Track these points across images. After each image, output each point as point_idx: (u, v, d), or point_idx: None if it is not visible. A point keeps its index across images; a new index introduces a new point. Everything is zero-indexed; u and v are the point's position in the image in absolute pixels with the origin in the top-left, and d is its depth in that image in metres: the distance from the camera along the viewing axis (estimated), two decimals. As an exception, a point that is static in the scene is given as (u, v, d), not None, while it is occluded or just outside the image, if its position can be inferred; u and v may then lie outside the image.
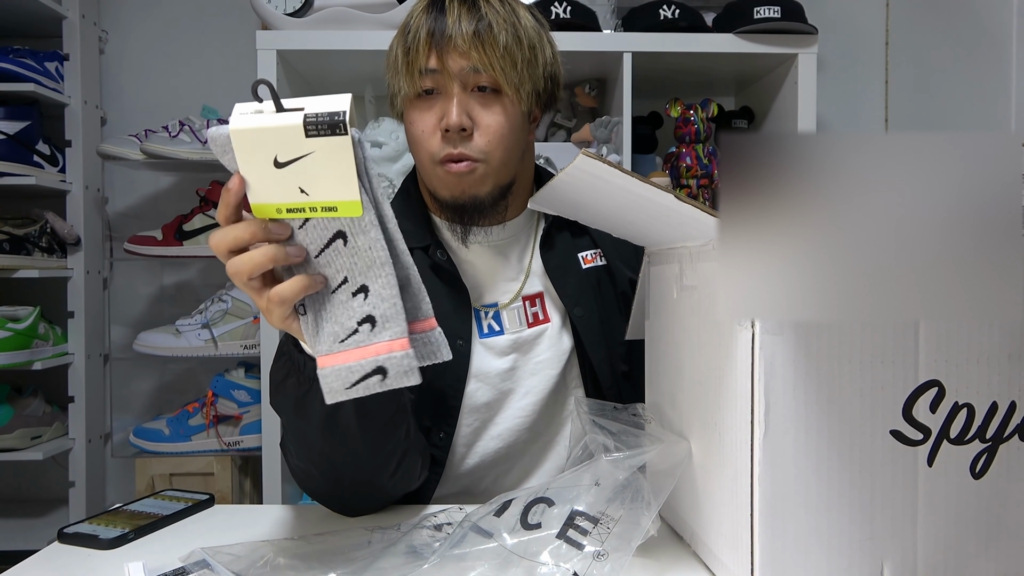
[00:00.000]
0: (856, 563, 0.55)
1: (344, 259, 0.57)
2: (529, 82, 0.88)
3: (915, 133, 0.46)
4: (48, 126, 1.76)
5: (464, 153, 0.86)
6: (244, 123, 0.53)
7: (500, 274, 0.97)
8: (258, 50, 1.51)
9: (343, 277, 0.57)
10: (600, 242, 1.00)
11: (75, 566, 0.69)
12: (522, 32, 0.87)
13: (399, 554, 0.65)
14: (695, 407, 0.67)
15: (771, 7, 1.52)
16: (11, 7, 1.68)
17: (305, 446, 0.75)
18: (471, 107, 0.86)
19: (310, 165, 0.53)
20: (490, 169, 0.88)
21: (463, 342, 0.91)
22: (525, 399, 0.94)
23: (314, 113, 0.52)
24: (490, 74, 0.85)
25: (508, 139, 0.88)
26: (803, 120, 1.57)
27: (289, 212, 0.56)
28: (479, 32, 0.84)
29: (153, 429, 1.68)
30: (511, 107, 0.88)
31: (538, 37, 0.90)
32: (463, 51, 0.84)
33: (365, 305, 0.57)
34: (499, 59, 0.85)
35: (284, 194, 0.55)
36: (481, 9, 0.86)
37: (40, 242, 1.70)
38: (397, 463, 0.78)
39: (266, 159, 0.54)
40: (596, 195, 0.66)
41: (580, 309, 0.95)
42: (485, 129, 0.87)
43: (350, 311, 0.57)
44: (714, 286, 0.62)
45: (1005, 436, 0.55)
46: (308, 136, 0.52)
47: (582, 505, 0.63)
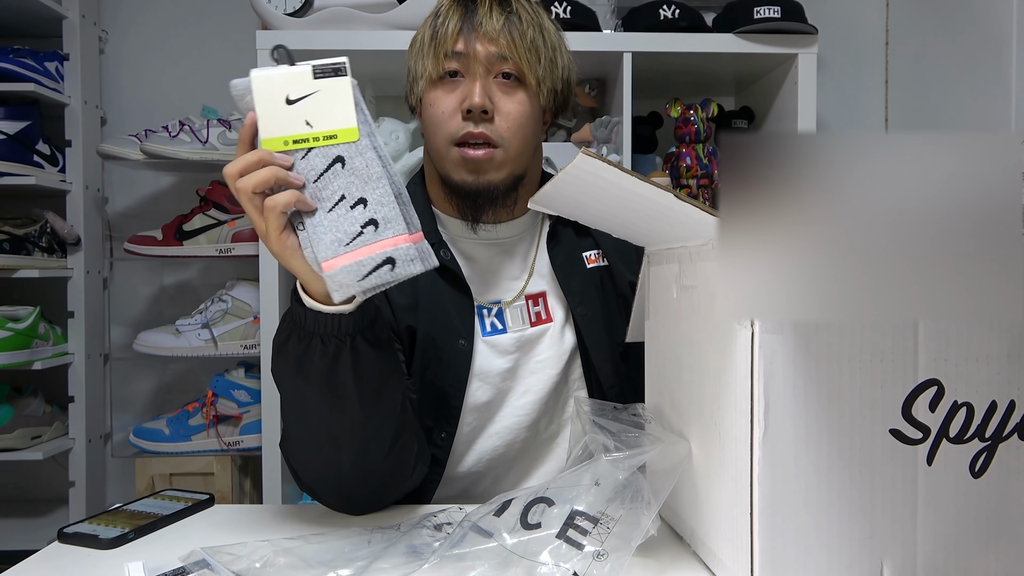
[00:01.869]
0: (856, 562, 0.55)
1: (342, 179, 0.66)
2: (549, 79, 0.91)
3: (915, 133, 0.46)
4: (48, 126, 1.76)
5: (484, 133, 0.87)
6: (265, 71, 0.66)
7: (504, 272, 0.97)
8: (258, 50, 1.51)
9: (340, 195, 0.66)
10: (601, 243, 1.00)
11: (75, 566, 0.69)
12: (547, 32, 0.91)
13: (399, 554, 0.65)
14: (695, 407, 0.67)
15: (771, 7, 1.52)
16: (11, 7, 1.68)
17: (304, 415, 0.75)
18: (493, 92, 0.88)
19: (315, 102, 0.65)
20: (507, 156, 0.89)
21: (465, 342, 0.91)
22: (524, 398, 0.94)
23: (320, 62, 0.65)
24: (516, 62, 0.88)
25: (526, 128, 0.90)
26: (803, 120, 1.56)
27: (295, 143, 0.66)
28: (508, 23, 0.87)
29: (153, 429, 1.68)
30: (531, 98, 0.90)
31: (559, 41, 0.94)
32: (492, 37, 0.87)
33: (366, 212, 0.65)
34: (526, 50, 0.88)
35: (292, 127, 0.66)
36: (512, 5, 0.89)
37: (40, 242, 1.70)
38: (392, 437, 0.77)
39: (280, 98, 0.65)
40: (596, 195, 0.66)
41: (583, 308, 0.96)
42: (506, 115, 0.88)
43: (351, 220, 0.65)
44: (714, 286, 0.62)
45: (1004, 435, 0.55)
46: (316, 78, 0.65)
47: (582, 505, 0.63)
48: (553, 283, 0.97)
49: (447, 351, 0.91)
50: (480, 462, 0.94)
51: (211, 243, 1.69)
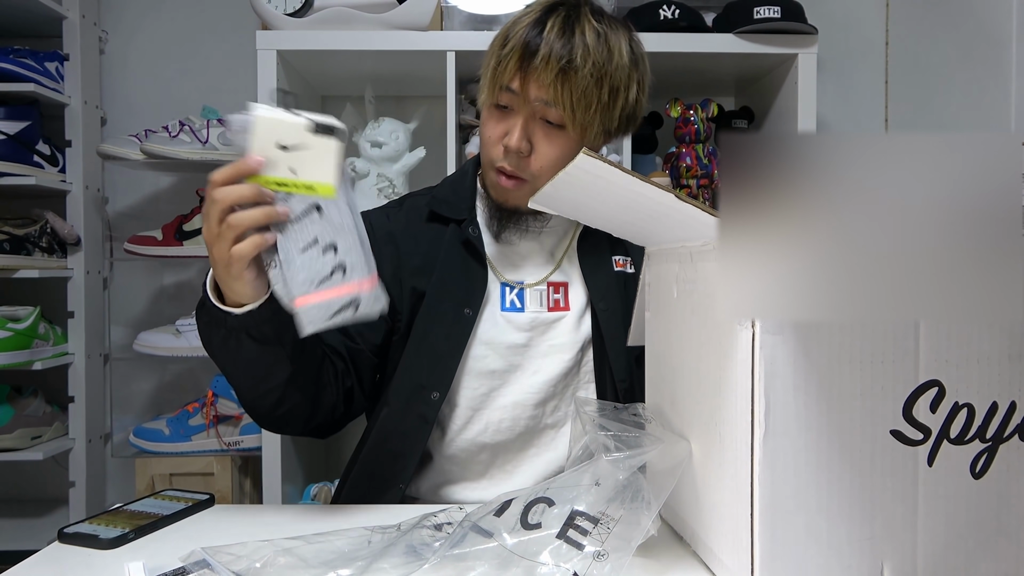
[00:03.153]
0: (856, 563, 0.55)
1: (317, 225, 0.71)
2: (599, 124, 0.92)
3: (915, 133, 0.46)
4: (48, 126, 1.76)
5: (515, 172, 0.94)
6: (267, 112, 0.69)
7: (532, 258, 1.03)
8: (258, 50, 1.51)
9: (314, 237, 0.71)
10: (632, 253, 1.05)
11: (75, 566, 0.69)
12: (610, 71, 0.90)
13: (399, 554, 0.65)
14: (695, 407, 0.67)
15: (771, 7, 1.52)
16: (11, 7, 1.68)
17: (231, 367, 0.85)
18: (535, 132, 0.92)
19: (304, 154, 0.70)
20: (536, 188, 0.92)
21: (470, 311, 0.97)
22: (535, 377, 0.98)
23: (320, 119, 0.69)
24: (559, 112, 0.89)
25: (560, 167, 0.91)
26: (803, 120, 1.56)
27: (278, 186, 0.71)
28: (564, 67, 0.87)
29: (153, 429, 1.68)
30: (572, 143, 0.92)
31: (626, 77, 0.92)
32: (544, 83, 0.88)
33: (337, 257, 0.72)
34: (573, 101, 0.88)
35: (278, 170, 0.70)
36: (575, 37, 0.88)
37: (40, 242, 1.70)
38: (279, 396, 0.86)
39: (274, 142, 0.69)
40: (596, 194, 0.66)
41: (605, 303, 1.00)
42: (542, 156, 0.93)
43: (324, 263, 0.71)
44: (714, 286, 0.62)
45: (1005, 436, 0.55)
46: (311, 133, 0.69)
47: (582, 505, 0.63)
48: (578, 277, 1.02)
49: (450, 315, 0.97)
50: (486, 431, 0.97)
51: (211, 243, 1.69)
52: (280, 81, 1.53)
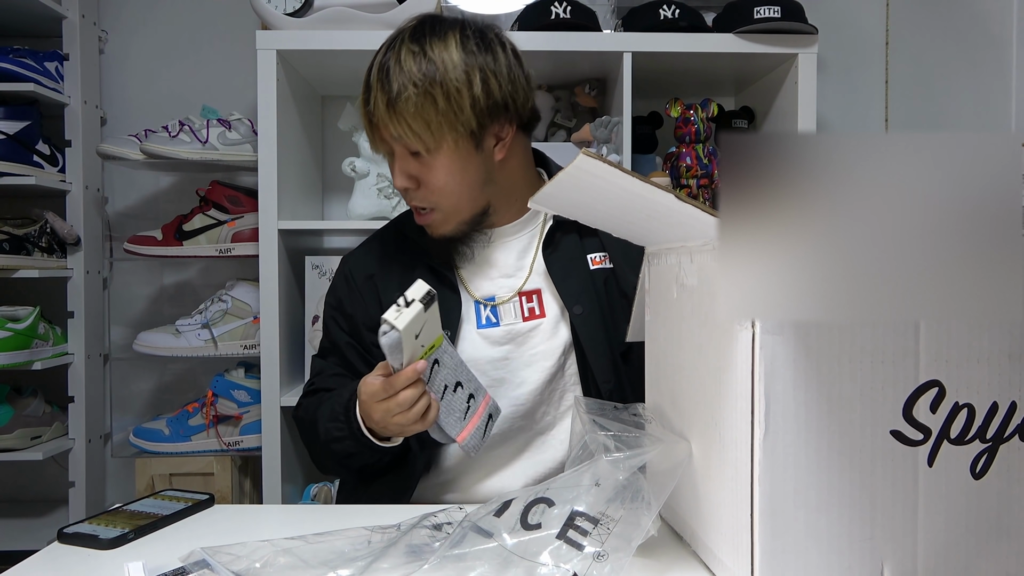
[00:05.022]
0: (856, 563, 0.55)
1: (442, 374, 0.84)
2: (458, 127, 0.90)
3: (915, 133, 0.46)
4: (48, 126, 1.76)
5: (416, 205, 0.97)
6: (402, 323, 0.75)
7: (500, 270, 1.02)
8: (258, 50, 1.51)
9: (444, 385, 0.85)
10: (608, 246, 1.02)
11: (75, 566, 0.69)
12: (438, 79, 0.89)
13: (399, 554, 0.65)
14: (695, 407, 0.67)
15: (771, 7, 1.52)
16: (11, 7, 1.68)
17: (347, 460, 0.96)
18: (410, 167, 0.94)
19: (425, 327, 0.79)
20: (446, 215, 0.96)
21: (448, 333, 0.97)
22: (520, 388, 0.98)
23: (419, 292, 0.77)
24: (406, 142, 0.91)
25: (451, 186, 0.94)
26: (803, 120, 1.56)
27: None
28: (390, 101, 0.89)
29: (153, 429, 1.68)
30: (446, 158, 0.92)
31: (461, 75, 0.90)
32: (384, 124, 0.91)
33: (465, 391, 0.87)
34: (410, 127, 0.89)
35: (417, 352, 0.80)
36: (391, 75, 0.90)
37: (40, 242, 1.70)
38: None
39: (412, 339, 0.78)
40: (596, 194, 0.66)
41: (580, 307, 0.98)
42: (430, 185, 0.94)
43: (459, 400, 0.86)
44: (714, 286, 0.62)
45: (1005, 436, 0.55)
46: (426, 311, 0.78)
47: (582, 505, 0.62)
48: (548, 283, 1.01)
49: None
50: None
51: (211, 243, 1.69)
52: (281, 84, 1.53)
